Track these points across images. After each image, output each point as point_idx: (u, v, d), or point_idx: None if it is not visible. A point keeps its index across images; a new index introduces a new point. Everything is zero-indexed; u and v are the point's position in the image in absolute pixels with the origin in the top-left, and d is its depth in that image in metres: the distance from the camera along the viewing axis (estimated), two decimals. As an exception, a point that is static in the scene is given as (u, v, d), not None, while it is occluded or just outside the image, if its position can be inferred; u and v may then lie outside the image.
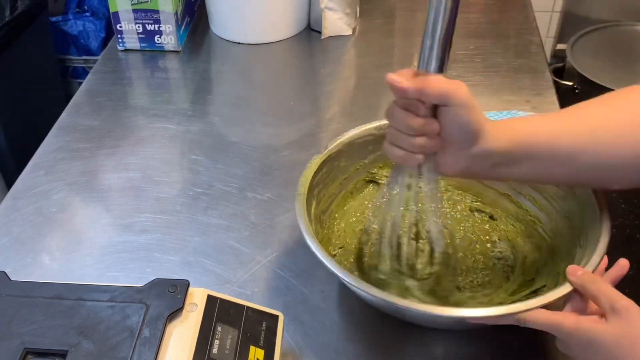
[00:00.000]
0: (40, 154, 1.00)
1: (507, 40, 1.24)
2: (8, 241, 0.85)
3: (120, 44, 1.24)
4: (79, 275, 0.79)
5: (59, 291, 0.58)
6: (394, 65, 1.20)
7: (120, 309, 0.56)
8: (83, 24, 1.92)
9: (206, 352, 0.55)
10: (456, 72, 1.16)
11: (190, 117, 1.07)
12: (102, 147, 1.01)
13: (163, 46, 1.23)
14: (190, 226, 0.86)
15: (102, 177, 0.95)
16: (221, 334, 0.57)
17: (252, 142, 1.01)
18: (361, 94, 1.14)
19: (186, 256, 0.82)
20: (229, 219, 0.87)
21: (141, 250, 0.83)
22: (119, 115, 1.08)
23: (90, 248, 0.84)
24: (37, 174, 0.96)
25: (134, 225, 0.87)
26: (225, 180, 0.94)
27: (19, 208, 0.90)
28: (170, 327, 0.56)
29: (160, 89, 1.18)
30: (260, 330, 0.60)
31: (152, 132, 1.04)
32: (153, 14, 1.19)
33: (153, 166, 0.97)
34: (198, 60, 1.24)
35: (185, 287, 0.58)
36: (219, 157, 0.98)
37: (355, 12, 1.29)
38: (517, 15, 1.32)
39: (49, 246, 0.84)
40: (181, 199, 0.91)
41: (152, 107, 1.11)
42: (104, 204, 0.91)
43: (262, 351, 0.59)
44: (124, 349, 0.53)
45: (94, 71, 1.20)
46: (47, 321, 0.55)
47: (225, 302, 0.60)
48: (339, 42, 1.26)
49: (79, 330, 0.54)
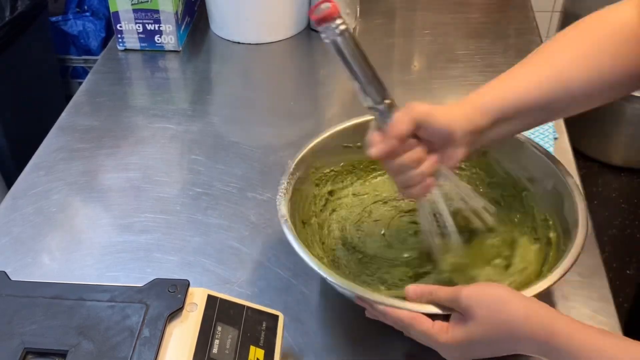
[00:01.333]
0: (40, 154, 1.00)
1: (507, 40, 1.24)
2: (8, 241, 0.85)
3: (120, 44, 1.24)
4: (79, 275, 0.79)
5: (59, 291, 0.58)
6: (394, 65, 1.20)
7: (120, 309, 0.56)
8: (83, 24, 1.92)
9: (206, 352, 0.55)
10: (456, 71, 1.16)
11: (190, 117, 1.07)
12: (102, 147, 1.01)
13: (163, 46, 1.23)
14: (190, 226, 0.86)
15: (102, 177, 0.95)
16: (221, 334, 0.57)
17: (252, 142, 1.01)
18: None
19: (186, 256, 0.82)
20: (229, 219, 0.87)
21: (141, 250, 0.83)
22: (119, 115, 1.08)
23: (90, 248, 0.84)
24: (37, 174, 0.96)
25: (134, 225, 0.87)
26: (225, 180, 0.94)
27: (19, 208, 0.90)
28: (170, 327, 0.56)
29: (160, 89, 1.18)
30: (260, 330, 0.60)
31: (152, 132, 1.04)
32: (153, 13, 1.19)
33: (153, 166, 0.97)
34: (198, 60, 1.24)
35: (185, 287, 0.58)
36: (219, 157, 0.98)
37: (355, 12, 1.29)
38: (517, 15, 1.32)
39: (49, 246, 0.84)
40: (181, 199, 0.91)
41: (152, 107, 1.11)
42: (104, 204, 0.91)
43: (262, 351, 0.59)
44: (124, 349, 0.53)
45: (94, 71, 1.20)
46: (47, 321, 0.55)
47: (225, 302, 0.60)
48: (339, 42, 1.26)
49: (79, 330, 0.54)
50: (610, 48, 0.64)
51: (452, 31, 1.28)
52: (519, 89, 0.66)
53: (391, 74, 1.18)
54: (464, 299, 0.57)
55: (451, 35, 1.27)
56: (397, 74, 1.18)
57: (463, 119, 0.64)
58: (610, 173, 2.13)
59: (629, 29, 0.63)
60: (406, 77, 1.17)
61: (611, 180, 2.11)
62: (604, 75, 0.64)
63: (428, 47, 1.24)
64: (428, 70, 1.18)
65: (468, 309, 0.57)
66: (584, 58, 0.64)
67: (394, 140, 0.62)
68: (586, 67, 0.64)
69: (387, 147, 0.63)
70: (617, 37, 0.64)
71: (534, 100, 0.65)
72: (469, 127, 0.64)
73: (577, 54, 0.65)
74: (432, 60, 1.20)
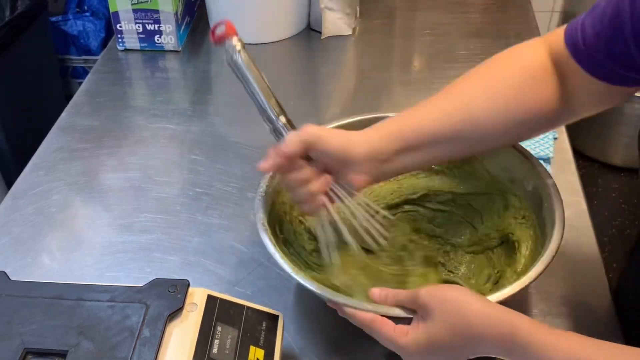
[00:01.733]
0: (40, 154, 1.00)
1: (507, 40, 1.23)
2: (8, 241, 0.85)
3: (120, 44, 1.24)
4: (79, 275, 0.79)
5: (59, 291, 0.58)
6: (393, 64, 1.20)
7: (120, 309, 0.56)
8: (83, 24, 1.92)
9: (206, 352, 0.55)
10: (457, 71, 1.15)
11: (190, 117, 1.07)
12: (102, 147, 1.01)
13: (163, 46, 1.23)
14: (190, 226, 0.86)
15: (102, 177, 0.95)
16: (221, 334, 0.57)
17: (252, 142, 1.01)
18: (361, 94, 1.14)
19: (186, 256, 0.82)
20: (229, 219, 0.87)
21: (141, 250, 0.83)
22: (119, 115, 1.08)
23: (90, 248, 0.84)
24: (37, 174, 0.96)
25: (134, 225, 0.87)
26: (225, 180, 0.94)
27: (19, 208, 0.90)
28: (170, 327, 0.56)
29: (160, 89, 1.18)
30: (260, 330, 0.60)
31: (152, 132, 1.04)
32: (153, 13, 1.19)
33: (153, 166, 0.97)
34: (198, 60, 1.24)
35: (185, 287, 0.58)
36: (219, 157, 0.98)
37: (355, 12, 1.29)
38: (517, 15, 1.32)
39: (49, 246, 0.84)
40: (181, 199, 0.91)
41: (152, 107, 1.11)
42: (104, 204, 0.91)
43: (262, 351, 0.59)
44: (124, 349, 0.53)
45: (94, 71, 1.20)
46: (47, 321, 0.55)
47: (225, 302, 0.60)
48: (339, 42, 1.26)
49: (79, 330, 0.54)
50: (516, 83, 0.64)
51: (452, 31, 1.28)
52: (425, 119, 0.66)
53: (391, 74, 1.18)
54: (422, 296, 0.57)
55: (451, 35, 1.27)
56: (397, 74, 1.18)
57: (363, 144, 0.65)
58: (610, 173, 2.12)
59: (538, 67, 0.64)
60: (406, 77, 1.17)
61: (611, 180, 2.11)
62: (510, 110, 0.64)
63: (428, 47, 1.24)
64: (428, 70, 1.18)
65: (426, 306, 0.56)
66: (491, 91, 0.65)
67: (281, 159, 0.65)
68: (493, 101, 0.65)
69: (274, 164, 0.66)
70: (525, 73, 0.64)
71: (440, 130, 0.66)
72: (369, 153, 0.65)
73: (485, 88, 0.66)
74: (432, 60, 1.20)
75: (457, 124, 0.65)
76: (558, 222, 0.66)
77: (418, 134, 0.66)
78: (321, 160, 0.67)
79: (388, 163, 0.67)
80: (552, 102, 0.64)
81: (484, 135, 0.66)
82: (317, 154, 0.66)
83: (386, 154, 0.66)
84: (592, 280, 0.76)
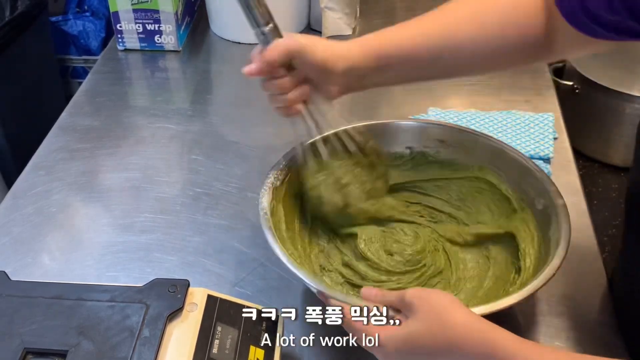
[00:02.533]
0: (40, 154, 1.00)
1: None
2: (8, 241, 0.85)
3: (120, 43, 1.24)
4: (79, 275, 0.79)
5: (59, 291, 0.58)
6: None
7: (120, 309, 0.56)
8: (83, 24, 1.92)
9: (206, 352, 0.55)
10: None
11: (190, 117, 1.07)
12: (102, 147, 1.01)
13: (163, 46, 1.23)
14: (190, 226, 0.86)
15: (102, 177, 0.95)
16: (221, 334, 0.57)
17: (252, 142, 1.01)
18: (361, 93, 1.13)
19: (186, 256, 0.82)
20: (229, 219, 0.87)
21: (141, 250, 0.83)
22: (119, 115, 1.08)
23: (90, 248, 0.84)
24: (37, 174, 0.96)
25: (134, 225, 0.87)
26: (225, 180, 0.94)
27: (19, 208, 0.90)
28: (170, 327, 0.56)
29: (160, 89, 1.18)
30: (260, 330, 0.60)
31: (152, 132, 1.04)
32: (153, 13, 1.19)
33: (153, 166, 0.97)
34: (198, 60, 1.24)
35: (185, 287, 0.58)
36: (219, 157, 0.98)
37: (355, 12, 1.29)
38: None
39: (49, 246, 0.84)
40: (181, 199, 0.91)
41: (152, 107, 1.11)
42: (104, 204, 0.91)
43: (262, 351, 0.59)
44: (124, 349, 0.53)
45: (94, 71, 1.20)
46: (47, 321, 0.55)
47: (225, 302, 0.60)
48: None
49: (79, 330, 0.54)
50: (504, 14, 0.66)
51: (452, 31, 1.28)
52: (405, 37, 0.69)
53: (391, 74, 1.17)
54: (408, 296, 0.56)
55: (451, 35, 1.26)
56: (397, 74, 1.18)
57: (344, 60, 0.67)
58: (610, 173, 2.12)
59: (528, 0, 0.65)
60: (406, 77, 1.17)
61: (611, 180, 2.11)
62: (489, 35, 0.66)
63: (428, 47, 1.24)
64: (428, 70, 1.18)
65: (411, 305, 0.55)
66: (472, 15, 0.67)
67: (263, 65, 0.67)
68: (476, 28, 0.66)
69: (256, 69, 0.68)
70: (514, 4, 0.65)
71: (418, 50, 0.68)
72: (349, 68, 0.67)
73: (467, 12, 0.67)
74: (432, 60, 1.20)
75: (436, 45, 0.67)
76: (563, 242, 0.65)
77: (397, 52, 0.68)
78: (302, 70, 0.69)
79: (366, 79, 0.70)
80: (534, 38, 0.65)
81: (461, 60, 0.69)
82: (299, 64, 0.68)
83: (365, 70, 0.68)
84: (592, 281, 0.76)
